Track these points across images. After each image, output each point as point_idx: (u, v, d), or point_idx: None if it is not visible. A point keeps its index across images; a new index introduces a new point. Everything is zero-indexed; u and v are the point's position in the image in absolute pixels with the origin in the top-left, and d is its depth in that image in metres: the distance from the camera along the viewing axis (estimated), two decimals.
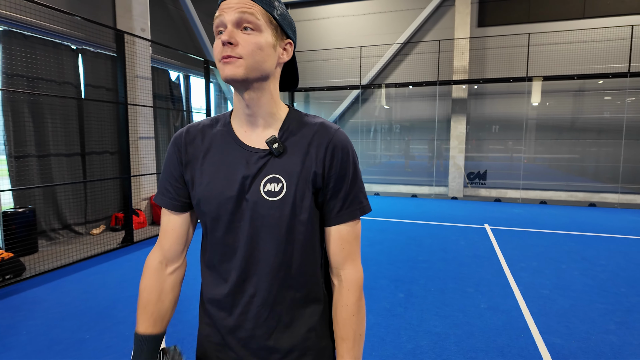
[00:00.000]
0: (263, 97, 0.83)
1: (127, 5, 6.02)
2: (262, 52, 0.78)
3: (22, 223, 4.72)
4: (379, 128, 10.50)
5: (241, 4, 0.76)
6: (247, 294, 0.85)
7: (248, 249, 0.84)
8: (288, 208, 0.81)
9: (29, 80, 4.99)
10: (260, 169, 0.83)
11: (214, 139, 0.88)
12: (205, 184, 0.85)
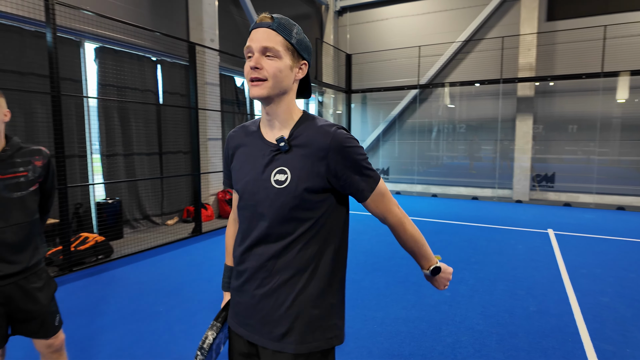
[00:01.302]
0: (280, 107, 1.08)
1: (198, 19, 6.66)
2: (281, 74, 1.02)
3: (111, 212, 5.49)
4: (437, 128, 10.32)
5: (265, 35, 1.00)
6: (258, 254, 1.11)
7: (260, 221, 1.09)
8: (291, 194, 1.04)
9: (118, 89, 5.76)
10: (271, 161, 1.07)
11: (249, 137, 1.16)
12: (238, 169, 1.15)
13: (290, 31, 1.03)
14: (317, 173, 1.04)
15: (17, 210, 1.61)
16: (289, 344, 1.07)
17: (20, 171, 1.63)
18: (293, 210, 1.05)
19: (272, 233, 1.07)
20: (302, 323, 1.07)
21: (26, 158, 1.67)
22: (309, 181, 1.04)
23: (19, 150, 1.65)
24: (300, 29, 1.08)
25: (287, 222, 1.06)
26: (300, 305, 1.07)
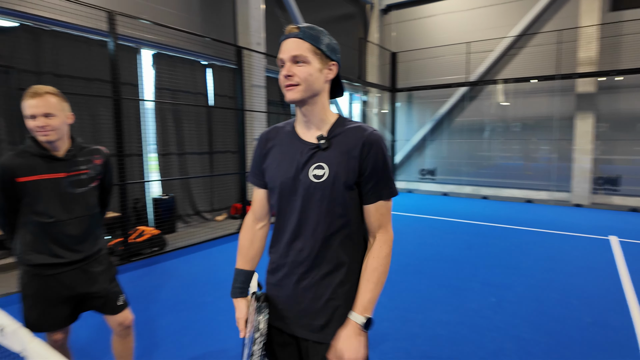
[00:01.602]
0: (316, 108, 1.14)
1: (245, 23, 6.91)
2: (312, 77, 1.08)
3: (166, 207, 5.86)
4: (489, 127, 9.88)
5: (294, 44, 1.08)
6: (296, 249, 1.16)
7: (299, 216, 1.14)
8: (328, 189, 1.10)
9: (172, 92, 6.13)
10: (310, 158, 1.13)
11: (283, 136, 1.22)
12: (274, 167, 1.20)
13: (316, 37, 1.09)
14: (352, 169, 1.09)
15: (79, 205, 1.79)
16: (329, 335, 1.12)
17: (82, 169, 1.80)
18: (330, 204, 1.10)
19: (311, 228, 1.12)
20: (341, 315, 1.13)
21: (87, 157, 1.84)
22: (345, 176, 1.09)
23: (81, 150, 1.82)
24: (326, 33, 1.13)
25: (325, 217, 1.11)
26: (339, 298, 1.13)
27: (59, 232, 1.73)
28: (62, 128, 1.72)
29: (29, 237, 1.73)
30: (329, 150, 1.12)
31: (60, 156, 1.74)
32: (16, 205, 1.72)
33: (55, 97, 1.68)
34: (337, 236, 1.12)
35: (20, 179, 1.67)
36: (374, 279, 1.11)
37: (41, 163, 1.70)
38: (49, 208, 1.71)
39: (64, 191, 1.74)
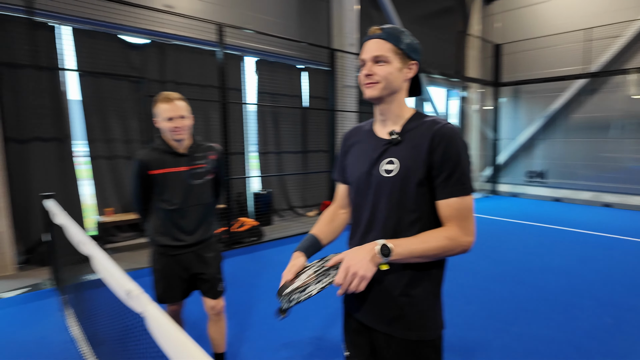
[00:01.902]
0: (392, 106, 1.16)
1: (339, 26, 7.07)
2: (391, 76, 1.12)
3: (264, 202, 6.34)
4: (616, 124, 8.51)
5: (376, 45, 1.12)
6: (366, 241, 1.15)
7: (371, 210, 1.17)
8: (398, 183, 1.11)
9: (271, 95, 6.59)
10: (382, 153, 1.15)
11: (363, 135, 1.27)
12: (352, 164, 1.25)
13: (397, 37, 1.12)
14: (421, 162, 1.08)
15: (197, 195, 2.04)
16: (398, 329, 1.14)
17: (200, 163, 2.04)
18: (400, 198, 1.11)
19: (381, 221, 1.15)
20: (412, 311, 1.13)
21: (204, 153, 2.08)
22: (414, 170, 1.09)
23: (199, 147, 2.07)
24: (407, 33, 1.15)
25: (396, 211, 1.12)
26: (410, 293, 1.13)
27: (180, 218, 2.00)
28: (189, 128, 2.00)
29: (158, 221, 2.03)
30: (401, 145, 1.13)
31: (183, 152, 2.01)
32: (149, 193, 2.03)
33: (183, 102, 1.96)
34: (409, 231, 1.12)
35: (152, 171, 1.96)
36: (422, 237, 1.07)
37: (168, 158, 1.98)
38: (173, 197, 1.99)
39: (185, 182, 2.00)
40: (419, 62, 1.16)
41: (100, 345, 2.38)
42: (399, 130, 1.15)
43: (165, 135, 1.98)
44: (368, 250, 1.02)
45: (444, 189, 1.08)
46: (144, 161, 1.96)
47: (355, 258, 1.02)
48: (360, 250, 1.03)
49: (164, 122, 1.93)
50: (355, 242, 1.23)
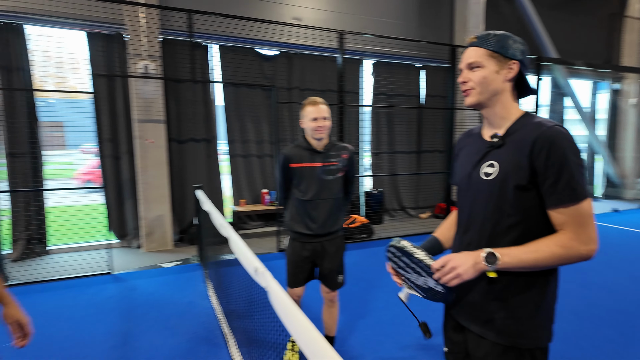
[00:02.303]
0: (495, 108, 1.16)
1: (463, 20, 6.75)
2: (486, 80, 1.13)
3: (375, 201, 6.49)
4: None
5: (470, 53, 1.16)
6: (465, 242, 1.21)
7: (470, 212, 1.20)
8: (497, 186, 1.11)
9: (387, 96, 6.68)
10: (484, 156, 1.17)
11: (471, 138, 1.30)
12: (459, 166, 1.30)
13: (491, 41, 1.14)
14: (522, 167, 1.07)
15: (328, 189, 2.24)
16: (490, 331, 1.15)
17: (333, 161, 2.25)
18: (498, 202, 1.11)
19: (479, 223, 1.17)
20: (506, 315, 1.13)
21: (338, 152, 2.27)
22: (514, 174, 1.08)
23: (334, 146, 2.28)
24: (506, 35, 1.15)
25: (492, 214, 1.13)
26: (506, 298, 1.13)
27: (312, 208, 2.23)
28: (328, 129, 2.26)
29: (294, 210, 2.30)
30: (503, 148, 1.12)
31: (320, 150, 2.23)
32: (289, 184, 2.31)
33: (326, 106, 2.20)
34: (507, 235, 1.11)
35: (293, 164, 2.22)
36: (533, 245, 1.06)
37: (307, 154, 2.22)
38: (307, 189, 2.22)
39: (319, 177, 2.22)
40: (521, 60, 1.14)
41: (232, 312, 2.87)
42: (503, 133, 1.15)
43: (308, 134, 2.23)
44: (474, 256, 1.08)
45: (552, 196, 1.04)
46: (287, 155, 2.24)
47: (460, 258, 1.09)
48: (467, 254, 1.09)
49: (308, 122, 2.18)
50: (456, 241, 1.29)
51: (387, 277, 4.03)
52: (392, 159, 6.95)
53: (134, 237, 5.19)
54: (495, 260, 1.05)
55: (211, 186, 5.60)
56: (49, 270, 4.22)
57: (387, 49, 6.39)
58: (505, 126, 1.16)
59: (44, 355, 2.57)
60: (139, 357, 2.56)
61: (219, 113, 5.69)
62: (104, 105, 4.91)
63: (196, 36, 4.97)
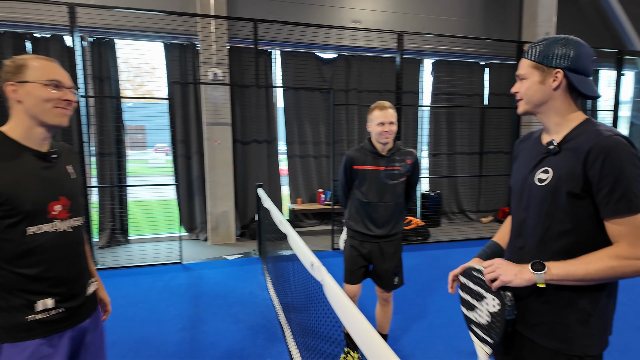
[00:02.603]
0: (548, 115, 1.17)
1: (532, 14, 6.36)
2: (529, 91, 1.16)
3: (432, 203, 6.37)
4: None
5: (521, 64, 1.19)
6: (517, 246, 1.22)
7: (523, 216, 1.21)
8: (549, 193, 1.11)
9: (447, 96, 6.52)
10: (539, 162, 1.18)
11: (530, 142, 1.30)
12: (516, 169, 1.31)
13: (535, 50, 1.16)
14: (575, 175, 1.06)
15: (389, 193, 2.26)
16: (537, 333, 1.17)
17: (396, 166, 2.26)
18: (550, 208, 1.12)
19: (531, 228, 1.18)
20: (554, 320, 1.14)
21: (402, 157, 2.28)
22: (568, 182, 1.08)
23: (398, 151, 2.28)
24: (555, 41, 1.14)
25: (544, 220, 1.14)
26: (555, 302, 1.13)
27: (372, 211, 2.27)
28: (394, 134, 2.28)
29: (353, 210, 2.35)
30: (559, 155, 1.13)
31: (383, 154, 2.26)
32: (350, 185, 2.37)
33: (393, 110, 2.21)
34: (558, 242, 1.11)
35: (356, 166, 2.28)
36: (584, 257, 1.04)
37: (370, 157, 2.26)
38: (369, 191, 2.26)
39: (381, 181, 2.25)
40: (568, 67, 1.12)
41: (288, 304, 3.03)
42: (559, 140, 1.15)
43: (373, 137, 2.27)
44: (522, 267, 1.10)
45: (607, 206, 1.03)
46: (351, 157, 2.29)
47: (506, 262, 1.13)
48: (515, 266, 1.11)
49: (375, 127, 2.21)
50: (509, 245, 1.31)
51: (442, 281, 3.97)
52: (451, 160, 6.76)
53: (201, 230, 5.62)
54: (543, 268, 1.06)
55: (271, 185, 5.89)
56: (129, 257, 4.73)
57: (449, 47, 6.23)
58: (562, 133, 1.15)
59: (127, 330, 2.93)
60: (205, 340, 2.82)
61: (279, 115, 5.96)
62: (178, 109, 5.38)
63: (260, 43, 5.25)
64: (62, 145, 1.32)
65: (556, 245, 1.12)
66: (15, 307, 1.12)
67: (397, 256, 2.38)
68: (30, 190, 1.12)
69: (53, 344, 1.18)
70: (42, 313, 1.15)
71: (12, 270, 1.11)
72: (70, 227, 1.23)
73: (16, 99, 1.13)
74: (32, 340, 1.13)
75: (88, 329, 1.31)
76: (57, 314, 1.19)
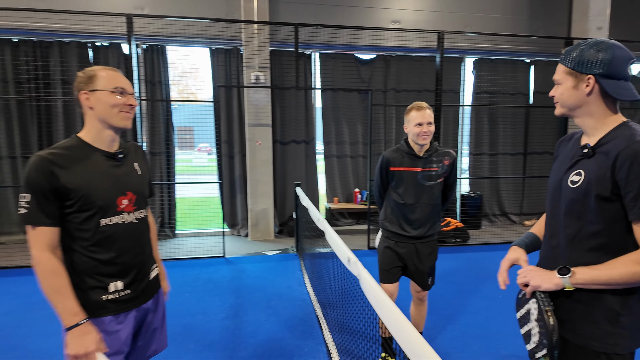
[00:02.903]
0: (583, 119, 1.20)
1: (583, 9, 6.05)
2: (563, 96, 1.19)
3: (472, 204, 6.23)
4: None
5: (557, 69, 1.23)
6: (551, 245, 1.26)
7: (555, 217, 1.24)
8: (580, 195, 1.13)
9: (489, 95, 6.35)
10: (574, 164, 1.20)
11: (570, 143, 1.31)
12: (553, 169, 1.33)
13: (569, 56, 1.18)
14: (605, 178, 1.09)
15: (426, 195, 2.25)
16: (565, 329, 1.20)
17: (434, 167, 2.24)
18: (581, 210, 1.15)
19: (562, 228, 1.22)
20: (582, 317, 1.17)
21: (439, 158, 2.26)
22: (598, 185, 1.11)
23: (435, 152, 2.27)
24: (587, 46, 1.15)
25: (576, 221, 1.17)
26: (584, 301, 1.16)
27: (408, 212, 2.26)
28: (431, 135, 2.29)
29: (389, 211, 2.36)
30: (592, 158, 1.15)
31: (421, 155, 2.24)
32: (386, 186, 2.38)
33: (430, 110, 2.19)
34: (589, 242, 1.14)
35: (392, 168, 2.27)
36: (609, 263, 1.08)
37: (407, 159, 2.25)
38: (405, 192, 2.26)
39: (418, 182, 2.24)
40: (598, 74, 1.13)
41: (325, 299, 3.14)
42: (594, 144, 1.17)
43: (410, 138, 2.25)
44: (551, 273, 1.16)
45: (633, 210, 1.05)
46: (387, 158, 2.30)
47: (538, 270, 1.21)
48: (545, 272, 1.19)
49: (412, 128, 2.19)
50: (544, 244, 1.34)
51: (480, 284, 3.93)
52: (493, 160, 6.58)
53: (242, 226, 5.87)
54: (568, 272, 1.12)
55: (308, 184, 6.03)
56: (177, 250, 5.05)
57: (492, 45, 6.07)
58: (597, 136, 1.17)
59: (175, 316, 3.16)
60: (246, 329, 2.99)
61: (317, 116, 6.09)
62: (222, 111, 5.65)
63: (300, 46, 5.40)
64: (130, 144, 1.49)
65: (588, 245, 1.15)
66: (92, 288, 1.30)
67: (433, 257, 2.38)
68: (101, 187, 1.29)
69: (120, 321, 1.35)
70: (113, 294, 1.33)
71: (90, 256, 1.29)
72: (136, 218, 1.40)
73: (89, 105, 1.30)
74: (106, 317, 1.31)
75: (150, 310, 1.48)
76: (126, 295, 1.36)
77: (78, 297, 1.27)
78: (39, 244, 1.21)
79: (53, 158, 1.22)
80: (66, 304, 1.21)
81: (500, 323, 3.06)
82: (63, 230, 1.27)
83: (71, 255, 1.29)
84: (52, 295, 1.20)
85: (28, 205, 1.20)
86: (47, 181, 1.20)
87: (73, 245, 1.28)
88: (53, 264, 1.21)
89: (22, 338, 2.83)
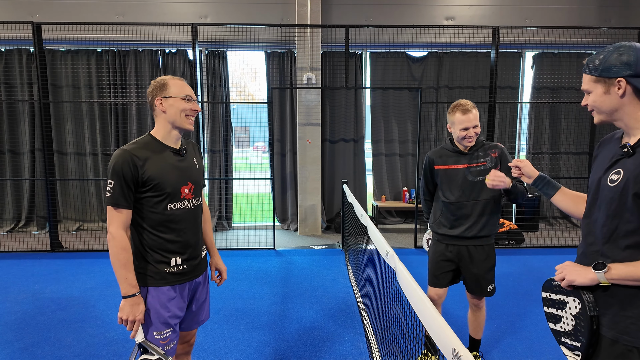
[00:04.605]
0: (622, 122, 1.21)
1: None
2: (596, 103, 1.21)
3: (529, 206, 5.95)
4: None
5: (584, 80, 1.24)
6: (588, 243, 1.28)
7: (593, 214, 1.26)
8: (618, 194, 1.15)
9: (551, 90, 6.01)
10: (613, 163, 1.22)
11: (611, 143, 1.33)
12: (594, 167, 1.35)
13: (592, 65, 1.20)
14: None
15: (476, 191, 2.15)
16: (599, 323, 1.22)
17: (481, 162, 2.16)
18: (618, 208, 1.17)
19: (599, 226, 1.24)
20: (614, 312, 1.19)
21: (486, 151, 2.18)
22: (635, 183, 1.12)
23: (481, 147, 2.19)
24: (608, 52, 1.17)
25: (612, 218, 1.19)
26: (618, 296, 1.18)
27: (457, 211, 2.18)
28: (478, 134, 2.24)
29: (438, 213, 2.30)
30: (632, 157, 1.17)
31: (465, 152, 2.20)
32: (432, 188, 2.35)
33: (475, 110, 2.12)
34: (624, 241, 1.15)
35: (436, 167, 2.26)
36: None
37: (451, 157, 2.22)
38: (451, 191, 2.20)
39: (465, 179, 2.17)
40: (627, 76, 1.15)
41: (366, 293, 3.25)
42: (634, 143, 1.18)
43: (455, 138, 2.19)
44: (587, 269, 1.19)
45: None
46: (431, 158, 2.29)
47: (575, 265, 1.25)
48: (582, 268, 1.22)
49: (459, 131, 2.12)
50: (581, 244, 1.36)
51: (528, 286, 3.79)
52: (554, 160, 6.22)
53: (291, 221, 6.13)
54: (603, 267, 1.15)
55: (356, 182, 6.13)
56: (232, 241, 5.42)
57: (554, 38, 5.75)
58: (637, 136, 1.19)
59: (230, 300, 3.45)
60: (292, 315, 3.19)
61: (366, 114, 6.17)
62: (276, 111, 5.95)
63: (351, 46, 5.52)
64: (189, 142, 1.74)
65: (624, 243, 1.17)
66: (157, 261, 1.55)
67: (489, 262, 2.23)
68: (170, 177, 1.54)
69: (176, 290, 1.59)
70: (174, 267, 1.57)
71: (157, 235, 1.54)
72: (194, 205, 1.63)
73: (162, 109, 1.55)
74: (166, 287, 1.55)
75: (200, 284, 1.72)
76: (183, 269, 1.60)
77: (146, 268, 1.52)
78: (116, 222, 1.46)
79: (135, 152, 1.48)
80: (128, 277, 1.46)
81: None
82: (137, 212, 1.52)
83: (142, 232, 1.54)
84: (118, 267, 1.45)
85: (112, 190, 1.46)
86: (130, 170, 1.45)
87: (144, 224, 1.53)
88: (125, 241, 1.46)
89: (102, 311, 3.28)
